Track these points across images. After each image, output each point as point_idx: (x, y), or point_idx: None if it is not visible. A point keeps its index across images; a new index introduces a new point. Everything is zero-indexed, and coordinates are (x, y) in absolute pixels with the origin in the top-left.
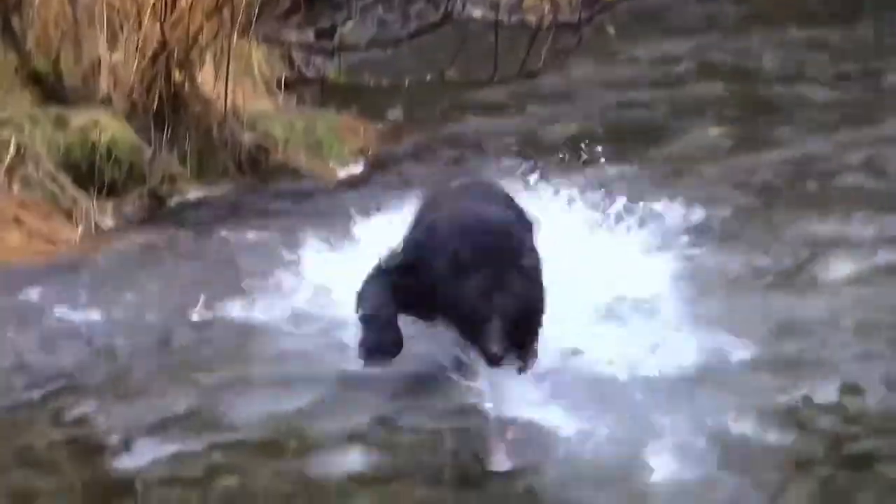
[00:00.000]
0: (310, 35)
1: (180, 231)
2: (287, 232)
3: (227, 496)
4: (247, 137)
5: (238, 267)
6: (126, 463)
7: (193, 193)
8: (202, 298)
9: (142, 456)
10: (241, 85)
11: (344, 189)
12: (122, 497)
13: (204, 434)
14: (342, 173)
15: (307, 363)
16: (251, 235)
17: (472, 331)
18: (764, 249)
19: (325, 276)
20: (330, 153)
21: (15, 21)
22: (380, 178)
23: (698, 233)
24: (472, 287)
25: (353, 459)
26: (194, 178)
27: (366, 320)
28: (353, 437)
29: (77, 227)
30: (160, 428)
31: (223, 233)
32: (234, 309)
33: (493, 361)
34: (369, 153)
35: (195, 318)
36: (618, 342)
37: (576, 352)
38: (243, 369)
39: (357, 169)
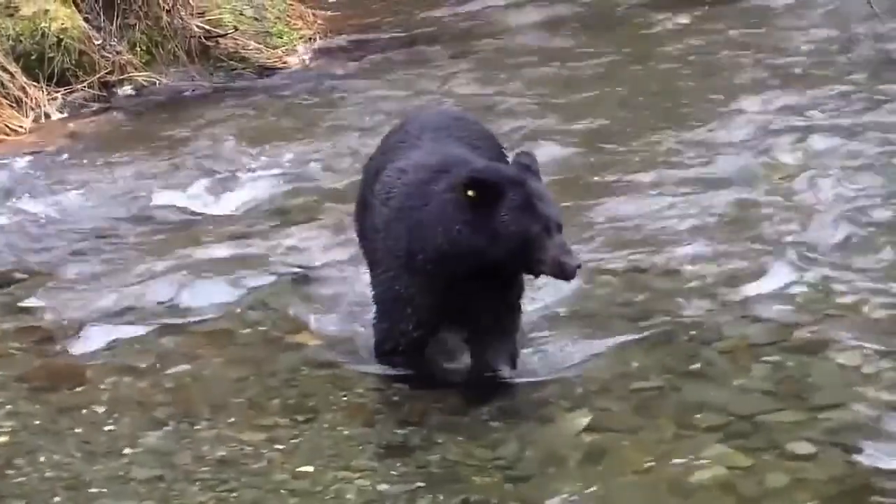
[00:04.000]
0: None
1: (130, 120)
2: (236, 121)
3: (178, 383)
4: (196, 25)
5: (188, 156)
6: (76, 351)
7: (143, 82)
8: (152, 186)
9: (92, 344)
10: None
11: (293, 75)
12: (74, 385)
13: (154, 322)
14: (292, 60)
15: (256, 252)
16: (201, 124)
17: (540, 251)
18: None
19: (276, 167)
20: (280, 40)
21: None
22: (328, 65)
23: None
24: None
25: (306, 347)
26: (144, 67)
27: None
28: (301, 327)
29: (27, 116)
30: (110, 316)
31: (173, 121)
32: (184, 197)
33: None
34: (318, 40)
35: (145, 206)
36: None
37: None
38: (193, 257)
39: (306, 56)
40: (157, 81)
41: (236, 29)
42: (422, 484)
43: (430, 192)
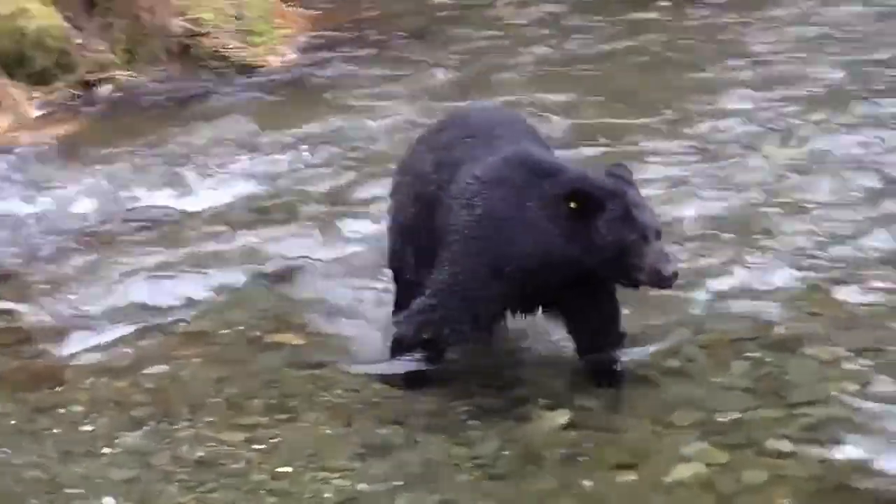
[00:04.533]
0: None
1: (110, 119)
2: (216, 120)
3: (157, 383)
4: (177, 24)
5: (168, 155)
6: (55, 351)
7: (123, 81)
8: (132, 186)
9: (70, 344)
10: None
11: (274, 74)
12: (52, 385)
13: (133, 321)
14: (273, 59)
15: (237, 251)
16: (181, 123)
17: (636, 258)
18: None
19: (257, 166)
20: (261, 39)
21: None
22: (311, 65)
23: None
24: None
25: (286, 347)
26: (124, 66)
27: None
28: (282, 327)
29: (6, 115)
30: (89, 316)
31: (153, 121)
32: (164, 197)
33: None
34: (300, 38)
35: (125, 205)
36: None
37: None
38: (173, 257)
39: (289, 55)
40: (138, 80)
41: (217, 27)
42: (401, 483)
43: (525, 201)
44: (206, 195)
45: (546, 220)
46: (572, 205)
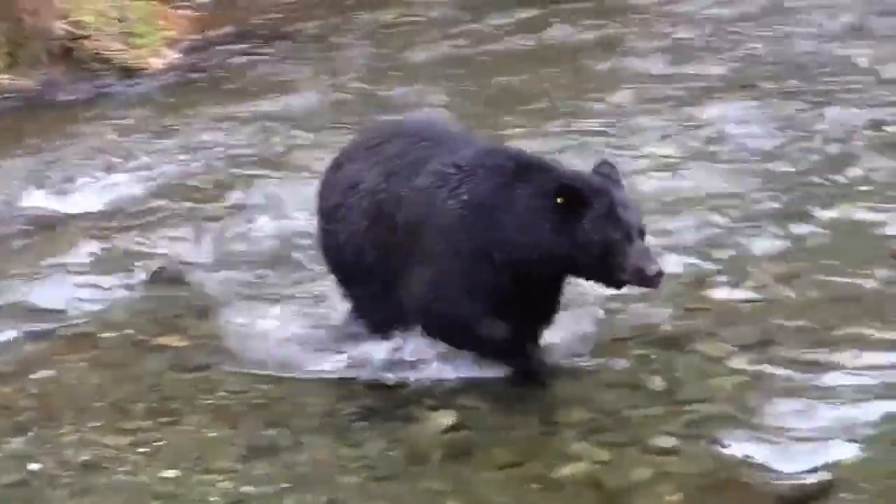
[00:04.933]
0: None
1: None
2: (98, 123)
3: (42, 388)
4: (59, 27)
5: (51, 158)
6: None
7: (6, 84)
8: (14, 189)
9: None
10: None
11: (156, 76)
12: None
13: (17, 325)
14: (155, 61)
15: (121, 254)
16: (63, 126)
17: (620, 257)
18: None
19: (139, 168)
20: (143, 41)
21: None
22: (193, 66)
23: None
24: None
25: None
26: (6, 69)
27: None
28: (166, 329)
29: None
30: None
31: (35, 124)
32: (46, 200)
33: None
34: (182, 41)
35: (6, 208)
36: None
37: None
38: (57, 260)
39: (171, 56)
40: (20, 83)
41: (98, 30)
42: (287, 485)
43: (512, 191)
44: (88, 198)
45: (533, 212)
46: (559, 200)
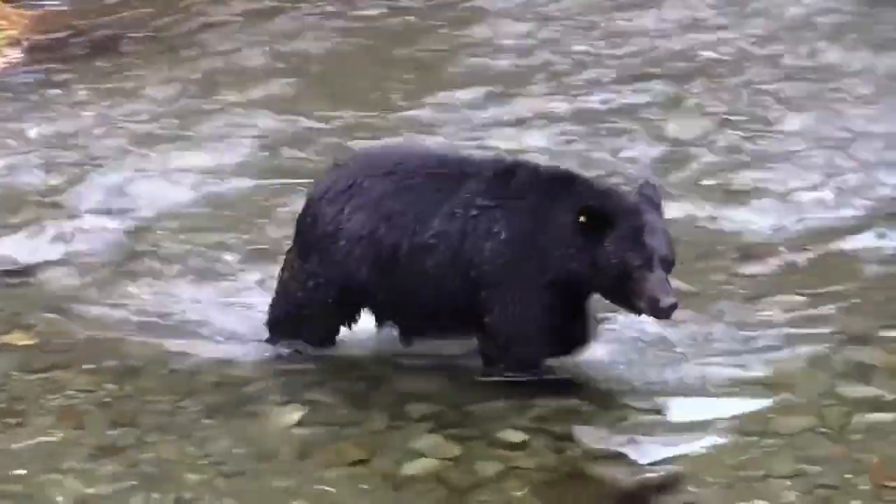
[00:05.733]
0: None
1: None
2: None
3: None
4: None
5: None
6: None
7: None
8: None
9: None
10: None
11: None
12: None
13: None
14: None
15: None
16: None
17: (637, 284)
18: None
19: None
20: None
21: None
22: (34, 66)
23: None
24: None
25: (16, 348)
26: None
27: None
28: (11, 327)
29: None
30: None
31: None
32: None
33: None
34: (24, 40)
35: None
36: None
37: None
38: None
39: (11, 56)
40: None
41: None
42: (134, 483)
43: (549, 210)
44: None
45: (567, 232)
46: (582, 219)
